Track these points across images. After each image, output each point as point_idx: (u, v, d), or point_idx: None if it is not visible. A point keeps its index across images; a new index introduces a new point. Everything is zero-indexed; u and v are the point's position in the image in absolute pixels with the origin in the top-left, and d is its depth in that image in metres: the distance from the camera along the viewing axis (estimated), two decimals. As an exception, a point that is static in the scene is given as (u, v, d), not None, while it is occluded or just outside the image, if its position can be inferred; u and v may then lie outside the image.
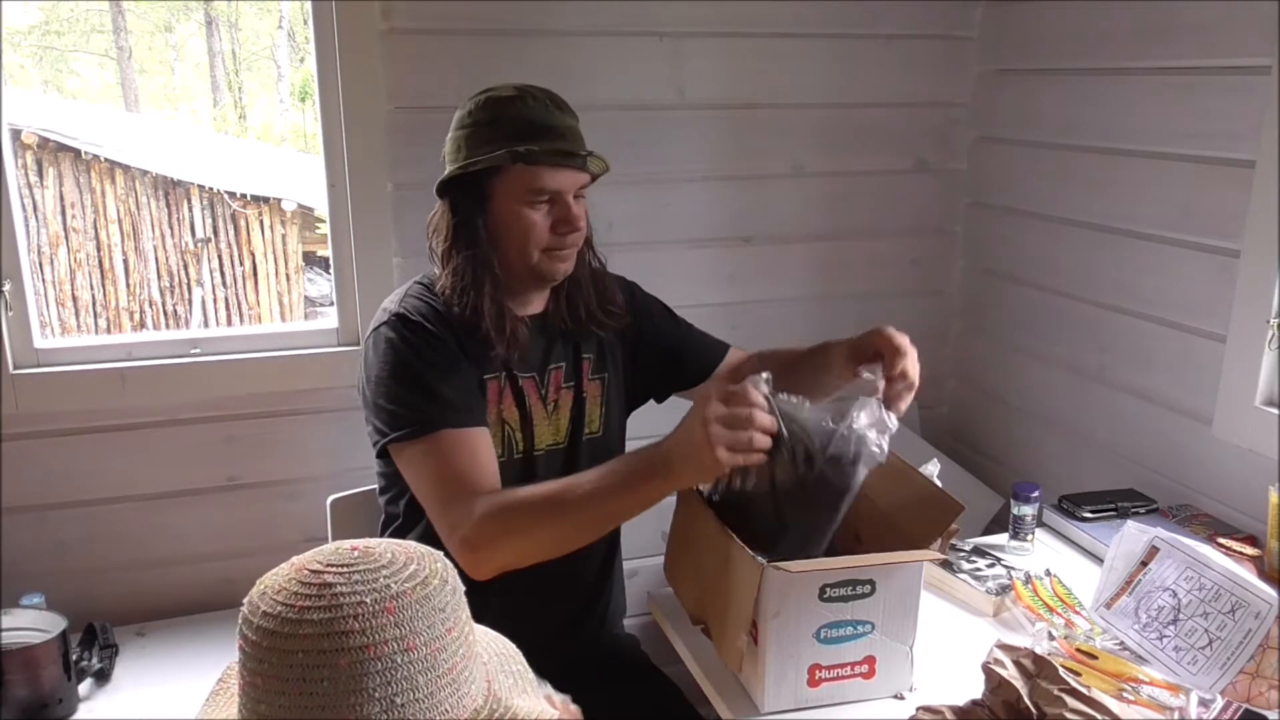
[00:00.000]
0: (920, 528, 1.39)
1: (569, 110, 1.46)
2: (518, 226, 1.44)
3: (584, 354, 1.58)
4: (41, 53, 10.35)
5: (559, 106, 1.44)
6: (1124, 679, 1.30)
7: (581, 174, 1.44)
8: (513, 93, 1.43)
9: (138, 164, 6.17)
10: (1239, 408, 1.69)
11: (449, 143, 1.48)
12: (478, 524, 1.30)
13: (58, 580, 1.86)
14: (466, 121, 1.45)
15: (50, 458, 1.88)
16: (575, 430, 1.58)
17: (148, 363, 1.90)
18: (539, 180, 1.41)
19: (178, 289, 6.41)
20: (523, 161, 1.39)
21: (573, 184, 1.44)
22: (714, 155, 2.16)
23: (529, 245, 1.44)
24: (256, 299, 6.55)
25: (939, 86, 2.29)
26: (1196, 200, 1.77)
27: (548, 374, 1.55)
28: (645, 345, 1.66)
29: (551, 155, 1.40)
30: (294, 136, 10.52)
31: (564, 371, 1.56)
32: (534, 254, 1.45)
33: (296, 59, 10.92)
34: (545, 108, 1.42)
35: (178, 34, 11.03)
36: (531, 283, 1.51)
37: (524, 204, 1.42)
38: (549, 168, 1.40)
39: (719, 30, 2.08)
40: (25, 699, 1.57)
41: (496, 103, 1.43)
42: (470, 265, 1.44)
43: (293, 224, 6.52)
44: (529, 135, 1.39)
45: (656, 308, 1.72)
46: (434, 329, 1.44)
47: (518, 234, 1.44)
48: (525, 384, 1.53)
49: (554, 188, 1.42)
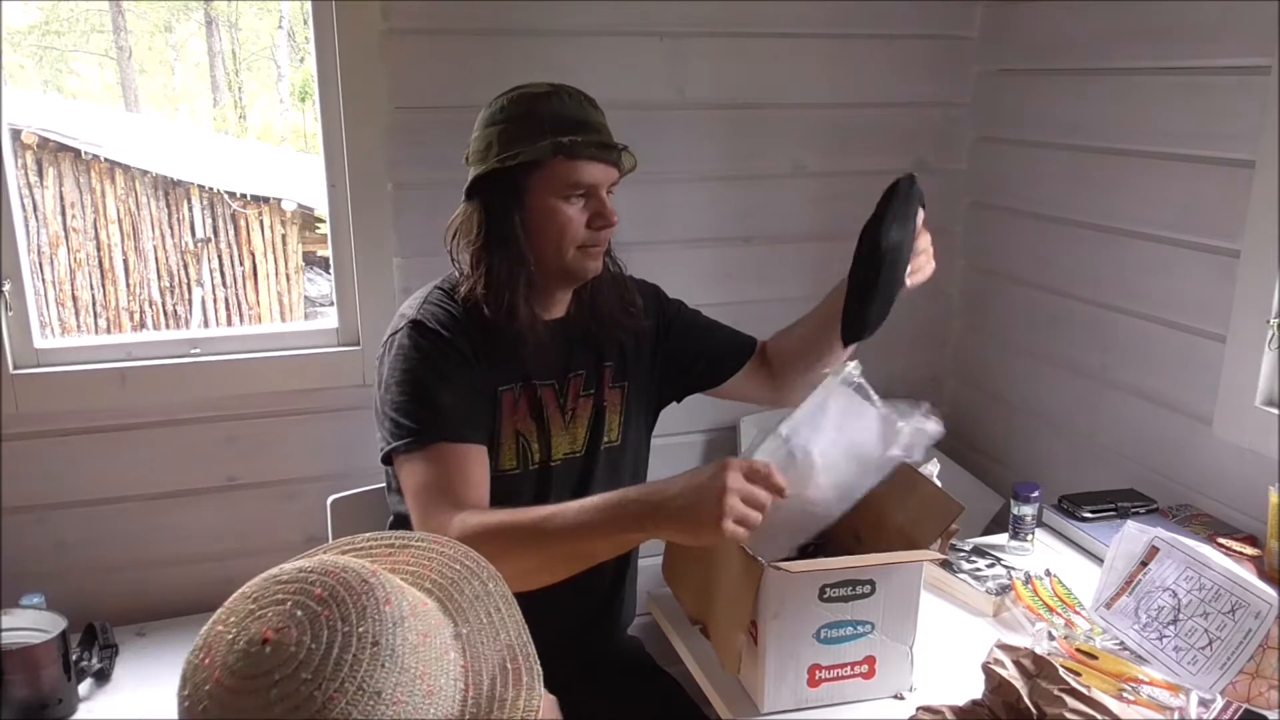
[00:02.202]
0: (920, 528, 1.39)
1: (599, 108, 1.46)
2: (554, 222, 1.42)
3: (605, 361, 1.56)
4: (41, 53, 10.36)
5: (592, 104, 1.45)
6: (1124, 679, 1.30)
7: (615, 169, 1.45)
8: (547, 89, 1.42)
9: (138, 164, 6.17)
10: (1239, 408, 1.69)
11: (477, 141, 1.45)
12: (476, 540, 1.29)
13: (58, 580, 1.86)
14: (499, 118, 1.42)
15: (50, 458, 1.88)
16: (593, 440, 1.56)
17: (148, 363, 1.90)
18: (578, 174, 1.40)
19: (178, 289, 6.41)
20: (564, 154, 1.39)
21: (607, 178, 1.44)
22: (714, 155, 2.16)
23: (565, 241, 1.43)
24: (256, 299, 6.55)
25: (939, 86, 2.29)
26: (1196, 200, 1.77)
27: (567, 382, 1.53)
28: (670, 348, 1.65)
29: (591, 148, 1.40)
30: (294, 136, 10.52)
31: (584, 379, 1.55)
32: (569, 250, 1.44)
33: (296, 59, 10.93)
34: (580, 104, 1.43)
35: (178, 34, 11.03)
36: (561, 282, 1.50)
37: (561, 198, 1.41)
38: (588, 161, 1.40)
39: (719, 30, 2.08)
40: (25, 699, 1.57)
41: (531, 99, 1.41)
42: (506, 264, 1.42)
43: (293, 224, 6.52)
44: (568, 129, 1.39)
45: (682, 311, 1.70)
46: (450, 337, 1.42)
47: (554, 229, 1.43)
48: (544, 392, 1.51)
49: (591, 181, 1.42)
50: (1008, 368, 2.31)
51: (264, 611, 0.74)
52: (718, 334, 1.72)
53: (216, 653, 0.74)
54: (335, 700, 0.70)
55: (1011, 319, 2.28)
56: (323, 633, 0.72)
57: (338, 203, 1.95)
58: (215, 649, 0.74)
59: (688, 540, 1.22)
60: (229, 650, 0.73)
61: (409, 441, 1.37)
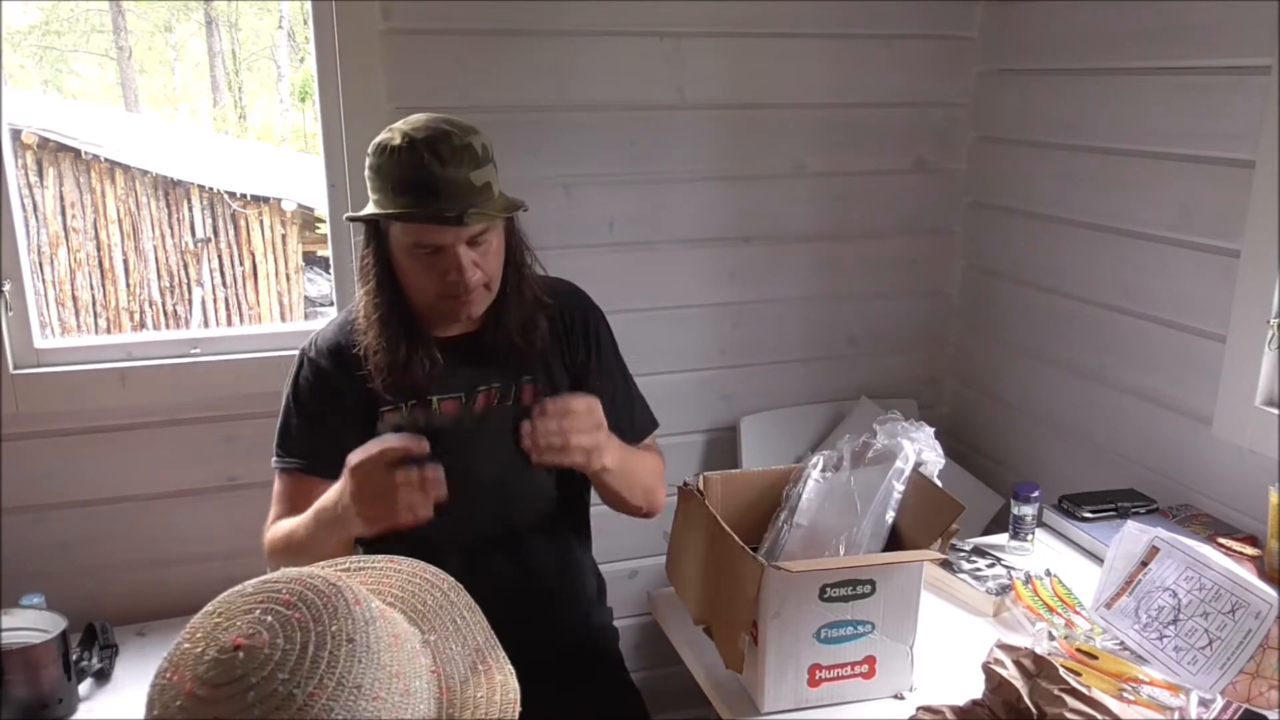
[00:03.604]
0: (920, 528, 1.40)
1: (459, 160, 1.35)
2: (409, 275, 1.42)
3: (525, 375, 1.54)
4: (41, 53, 10.36)
5: (441, 159, 1.33)
6: (1124, 679, 1.30)
7: (461, 228, 1.36)
8: (400, 141, 1.35)
9: (138, 164, 6.17)
10: (1239, 408, 1.69)
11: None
12: (269, 551, 1.51)
13: (58, 580, 1.86)
14: (369, 161, 1.40)
15: (50, 458, 1.88)
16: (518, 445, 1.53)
17: (148, 363, 1.90)
18: (416, 235, 1.37)
19: (178, 289, 6.41)
20: (392, 219, 1.37)
21: (456, 237, 1.37)
22: (714, 155, 2.16)
23: (421, 293, 1.43)
24: (256, 299, 6.55)
25: (939, 86, 2.29)
26: (1196, 200, 1.77)
27: (475, 394, 1.51)
28: (582, 379, 1.59)
29: (418, 215, 1.34)
30: (294, 136, 10.53)
31: (497, 393, 1.52)
32: (429, 299, 1.44)
33: (296, 59, 10.93)
34: (424, 161, 1.33)
35: (178, 34, 11.03)
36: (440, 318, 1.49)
37: (409, 255, 1.40)
38: (424, 224, 1.35)
39: (719, 30, 2.08)
40: (25, 699, 1.57)
41: (381, 150, 1.37)
42: (383, 297, 1.43)
43: (293, 224, 6.52)
44: (403, 190, 1.35)
45: (610, 351, 1.63)
46: (330, 369, 1.50)
47: (410, 281, 1.43)
48: (445, 405, 1.50)
49: (432, 243, 1.37)
50: (1008, 368, 2.31)
51: (230, 623, 0.73)
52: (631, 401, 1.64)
53: (184, 668, 0.71)
54: (316, 697, 0.68)
55: (1011, 319, 2.28)
56: (295, 634, 0.71)
57: (338, 203, 1.95)
58: (183, 665, 0.71)
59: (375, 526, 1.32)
60: (197, 663, 0.71)
61: (277, 459, 1.53)
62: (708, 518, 1.40)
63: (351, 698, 0.69)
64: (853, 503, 1.46)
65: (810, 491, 1.50)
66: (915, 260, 2.39)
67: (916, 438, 1.48)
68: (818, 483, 1.51)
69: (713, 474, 1.52)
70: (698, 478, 1.52)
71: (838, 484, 1.50)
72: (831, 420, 2.35)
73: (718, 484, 1.52)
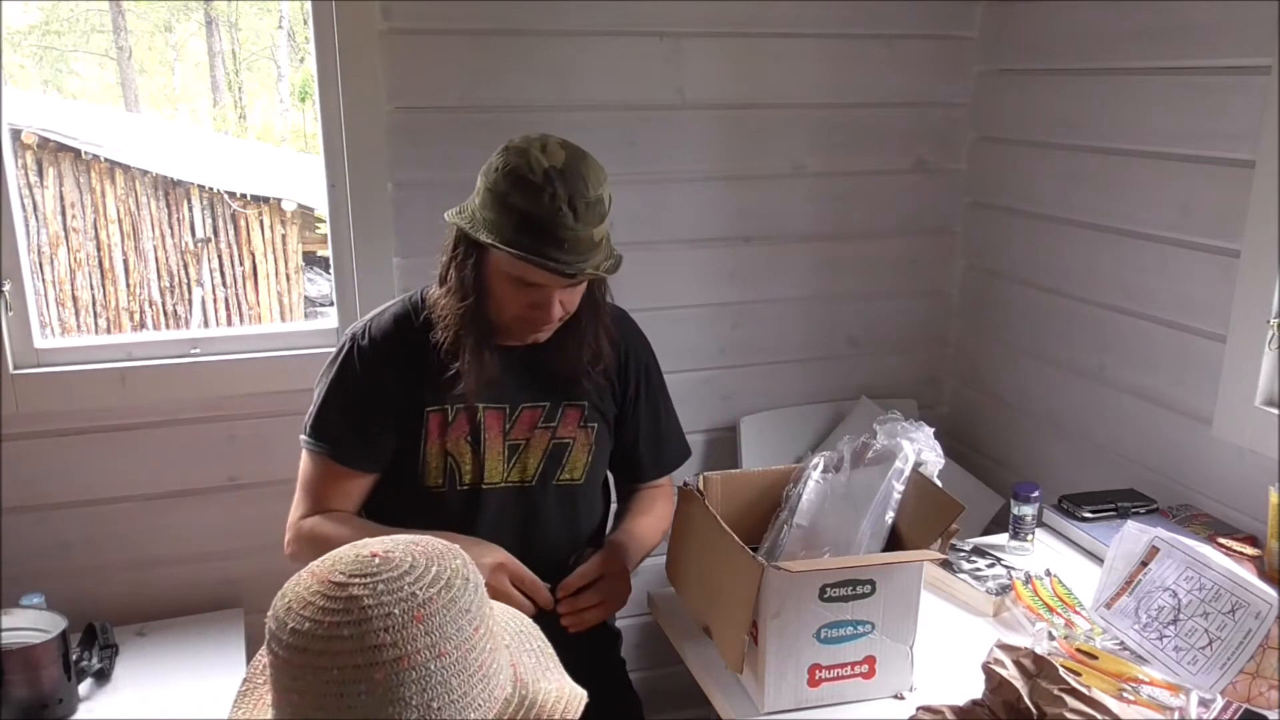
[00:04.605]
0: (920, 528, 1.40)
1: (590, 216, 1.35)
2: (497, 292, 1.42)
3: (573, 400, 1.55)
4: (41, 53, 10.35)
5: (575, 212, 1.33)
6: (1124, 679, 1.30)
7: (567, 279, 1.37)
8: (538, 178, 1.32)
9: (138, 164, 6.17)
10: (1239, 408, 1.69)
11: (479, 178, 1.41)
12: (294, 538, 1.52)
13: (58, 580, 1.86)
14: (491, 180, 1.37)
15: (50, 458, 1.88)
16: (547, 473, 1.55)
17: (148, 363, 1.90)
18: (522, 271, 1.37)
19: (178, 289, 6.41)
20: (510, 255, 1.35)
21: (559, 284, 1.38)
22: (714, 155, 2.16)
23: (503, 311, 1.43)
24: (256, 299, 6.55)
25: (939, 86, 2.29)
26: (1196, 200, 1.77)
27: (519, 410, 1.52)
28: (628, 412, 1.63)
29: (535, 261, 1.33)
30: (294, 136, 10.52)
31: (543, 413, 1.53)
32: (507, 317, 1.44)
33: (296, 59, 10.92)
34: (560, 213, 1.32)
35: (178, 34, 11.02)
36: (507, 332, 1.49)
37: (504, 280, 1.40)
38: (535, 268, 1.34)
39: (719, 30, 2.08)
40: (25, 699, 1.57)
41: (515, 179, 1.33)
42: (460, 297, 1.43)
43: (293, 224, 6.52)
44: (526, 230, 1.33)
45: (657, 387, 1.67)
46: (380, 360, 1.48)
47: (496, 296, 1.42)
48: (489, 415, 1.50)
49: (535, 282, 1.38)
50: (1008, 368, 2.31)
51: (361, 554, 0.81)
52: (661, 437, 1.68)
53: (321, 570, 0.79)
54: (434, 601, 0.77)
55: (1011, 319, 2.28)
56: (422, 560, 0.80)
57: (338, 203, 1.95)
58: (319, 568, 0.79)
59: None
60: (336, 563, 0.79)
61: (307, 439, 1.52)
62: (708, 518, 1.40)
63: (460, 617, 0.78)
64: (853, 503, 1.46)
65: (810, 492, 1.50)
66: (915, 260, 2.39)
67: (916, 438, 1.48)
68: (818, 483, 1.51)
69: (713, 474, 1.52)
70: (698, 478, 1.52)
71: (838, 484, 1.50)
72: (831, 420, 2.35)
73: (718, 484, 1.52)
